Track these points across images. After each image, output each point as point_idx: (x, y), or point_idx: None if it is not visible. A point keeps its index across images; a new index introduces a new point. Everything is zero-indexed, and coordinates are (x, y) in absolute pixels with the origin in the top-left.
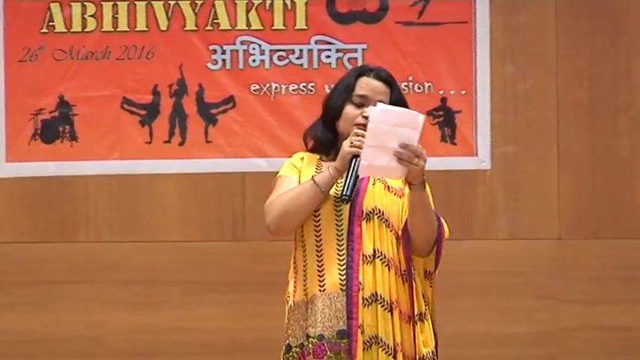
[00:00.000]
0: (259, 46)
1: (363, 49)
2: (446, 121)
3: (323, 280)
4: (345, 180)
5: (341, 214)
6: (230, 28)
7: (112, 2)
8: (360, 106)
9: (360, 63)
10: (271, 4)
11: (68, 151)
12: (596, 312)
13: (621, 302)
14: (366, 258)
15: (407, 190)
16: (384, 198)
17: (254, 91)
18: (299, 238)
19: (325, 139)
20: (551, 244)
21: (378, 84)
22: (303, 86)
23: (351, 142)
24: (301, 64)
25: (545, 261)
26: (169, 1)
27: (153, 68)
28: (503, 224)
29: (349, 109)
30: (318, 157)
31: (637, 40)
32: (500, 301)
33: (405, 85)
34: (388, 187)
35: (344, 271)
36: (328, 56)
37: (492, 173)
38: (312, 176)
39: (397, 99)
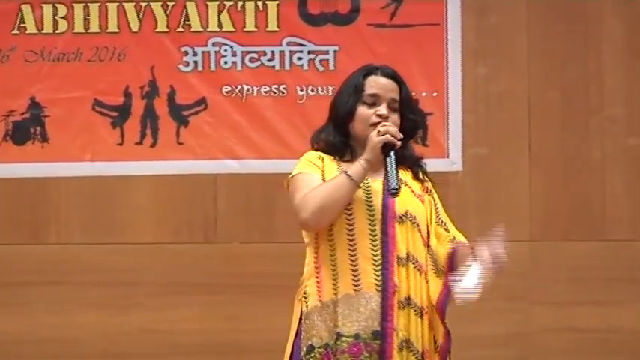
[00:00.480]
0: (231, 47)
1: (334, 51)
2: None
3: (358, 280)
4: (388, 173)
5: (373, 214)
6: (202, 29)
7: (84, 4)
8: (372, 105)
9: (331, 65)
10: (243, 6)
11: (40, 152)
12: (567, 313)
13: (592, 303)
14: (401, 260)
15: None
16: (413, 203)
17: (226, 92)
18: (325, 235)
19: (338, 142)
20: (523, 245)
21: (386, 81)
22: (275, 88)
23: (378, 131)
24: (273, 66)
25: (516, 262)
26: (141, 3)
27: (124, 70)
28: (474, 226)
29: (362, 110)
30: (332, 158)
31: (608, 41)
32: (471, 302)
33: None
34: (414, 192)
35: (379, 271)
36: (300, 58)
37: (464, 175)
38: (344, 171)
39: (406, 95)
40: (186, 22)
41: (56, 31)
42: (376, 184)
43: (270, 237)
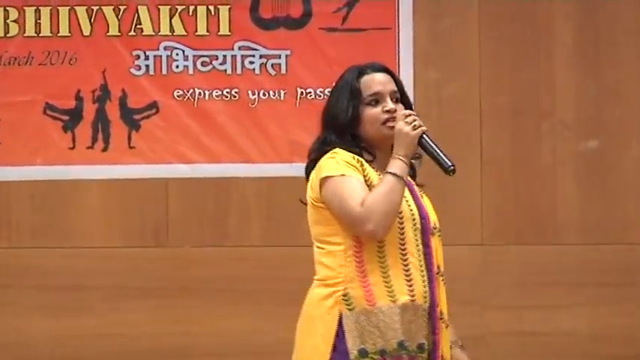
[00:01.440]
0: (183, 51)
1: (286, 55)
2: None
3: (412, 289)
4: (437, 156)
5: (416, 224)
6: (153, 33)
7: (35, 7)
8: (376, 103)
9: (283, 69)
10: (195, 10)
11: None
12: (519, 317)
13: (544, 307)
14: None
15: None
16: (434, 212)
17: (177, 96)
18: (381, 243)
19: (354, 145)
20: (475, 249)
21: (381, 76)
22: (227, 92)
23: (412, 126)
24: (225, 70)
25: (467, 267)
26: (92, 7)
27: (76, 73)
28: None
29: (369, 111)
30: (359, 159)
31: (560, 45)
32: None
33: (329, 91)
34: (429, 200)
35: (425, 284)
36: (252, 62)
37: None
38: (390, 172)
39: (401, 85)
40: (138, 26)
41: (7, 35)
42: (406, 190)
43: (221, 241)
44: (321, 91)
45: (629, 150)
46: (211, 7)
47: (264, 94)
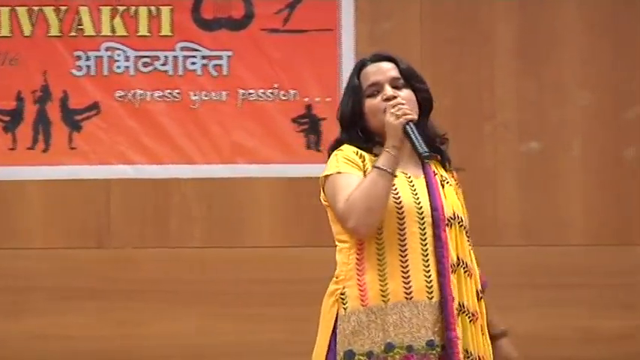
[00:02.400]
0: (124, 52)
1: (228, 56)
2: (311, 128)
3: (409, 287)
4: (413, 141)
5: (422, 216)
6: (95, 34)
7: None
8: (377, 94)
9: (225, 70)
10: (136, 11)
11: None
12: None
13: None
14: (452, 266)
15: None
16: (459, 203)
17: (119, 97)
18: (374, 236)
19: (360, 139)
20: None
21: (380, 64)
22: (169, 93)
23: (391, 113)
24: (166, 71)
25: None
26: (33, 7)
27: (16, 74)
28: None
29: (370, 103)
30: (363, 153)
31: (501, 48)
32: None
33: (271, 92)
34: (455, 190)
35: (430, 278)
36: (194, 63)
37: None
38: (374, 165)
39: (407, 68)
40: (79, 27)
41: None
42: (420, 181)
43: (163, 242)
44: (262, 92)
45: (570, 151)
46: (153, 8)
47: (205, 95)
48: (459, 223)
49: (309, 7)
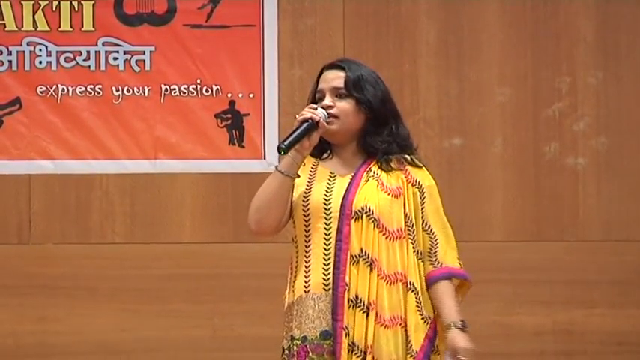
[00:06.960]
0: (46, 47)
1: (150, 52)
2: (234, 124)
3: (308, 281)
4: (290, 134)
5: (330, 212)
6: (16, 29)
7: None
8: (320, 101)
9: (147, 65)
10: (58, 6)
11: None
12: None
13: None
14: (353, 258)
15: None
16: (376, 196)
17: (40, 92)
18: (294, 238)
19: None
20: None
21: (329, 72)
22: (91, 88)
23: (301, 114)
24: (88, 66)
25: None
26: None
27: None
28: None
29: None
30: (314, 159)
31: (423, 44)
32: None
33: (193, 88)
34: (382, 185)
35: (328, 271)
36: (116, 58)
37: None
38: (275, 166)
39: (353, 76)
40: (1, 22)
41: None
42: (344, 180)
43: (84, 238)
44: (185, 88)
45: (492, 148)
46: (75, 3)
47: (128, 91)
48: (367, 215)
49: (232, 2)
